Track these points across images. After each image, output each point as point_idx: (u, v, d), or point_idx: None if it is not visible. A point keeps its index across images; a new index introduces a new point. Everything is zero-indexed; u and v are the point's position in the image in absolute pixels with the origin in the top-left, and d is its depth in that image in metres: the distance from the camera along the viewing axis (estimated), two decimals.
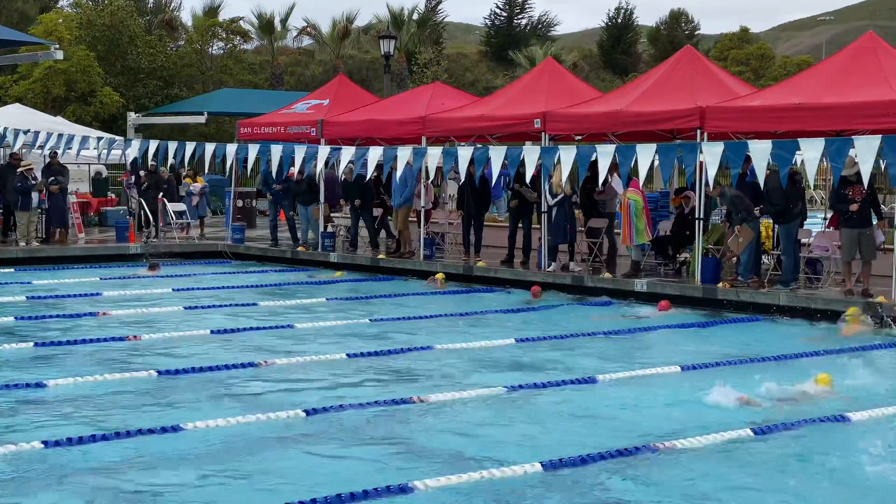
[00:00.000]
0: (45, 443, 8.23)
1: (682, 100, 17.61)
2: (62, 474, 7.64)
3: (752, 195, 16.69)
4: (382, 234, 23.20)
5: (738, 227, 16.37)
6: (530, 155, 18.22)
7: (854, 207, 15.39)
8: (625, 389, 10.84)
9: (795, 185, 16.68)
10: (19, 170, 22.33)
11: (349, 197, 22.44)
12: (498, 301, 17.68)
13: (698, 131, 17.01)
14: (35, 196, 22.41)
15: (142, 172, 24.92)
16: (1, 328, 13.90)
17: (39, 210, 23.09)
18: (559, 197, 18.49)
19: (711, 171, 16.38)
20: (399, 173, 20.69)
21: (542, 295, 17.78)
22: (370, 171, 20.99)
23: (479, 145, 20.11)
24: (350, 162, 21.38)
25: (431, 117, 21.03)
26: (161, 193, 24.87)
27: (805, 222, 17.80)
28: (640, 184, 18.74)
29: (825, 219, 22.83)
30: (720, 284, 16.67)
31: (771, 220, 17.72)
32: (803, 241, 17.33)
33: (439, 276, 19.43)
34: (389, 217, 22.69)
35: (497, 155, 18.49)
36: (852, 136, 14.76)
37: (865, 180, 14.83)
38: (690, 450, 8.44)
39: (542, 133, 19.02)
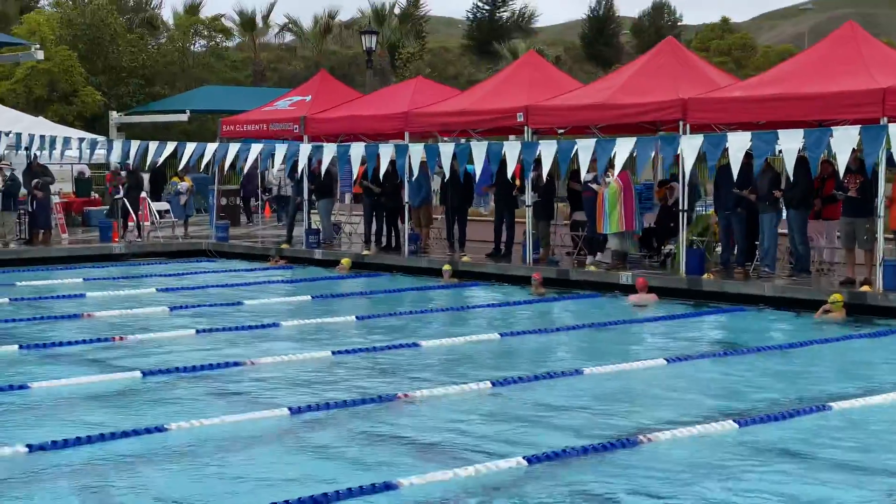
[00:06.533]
0: (29, 446, 8.20)
1: (664, 92, 17.63)
2: (47, 477, 7.61)
3: (738, 181, 16.70)
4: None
5: None
6: (511, 150, 18.20)
7: (852, 194, 15.38)
8: (609, 382, 10.87)
9: (807, 173, 16.54)
10: None
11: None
12: (484, 296, 17.69)
13: (680, 123, 17.04)
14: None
15: (122, 172, 24.80)
16: None
17: (21, 211, 23.01)
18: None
19: (689, 163, 16.41)
20: (415, 174, 20.60)
21: (542, 286, 17.55)
22: (355, 168, 20.92)
23: (461, 140, 20.13)
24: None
25: (414, 112, 21.01)
26: (142, 193, 24.83)
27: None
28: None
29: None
30: (705, 276, 16.71)
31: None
32: (784, 230, 17.36)
33: (447, 268, 19.29)
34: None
35: (478, 150, 18.49)
36: (831, 127, 14.77)
37: (841, 168, 14.78)
38: (674, 442, 8.47)
39: (525, 127, 19.01)
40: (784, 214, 17.03)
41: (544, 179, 19.00)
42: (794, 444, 8.50)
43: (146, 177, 29.62)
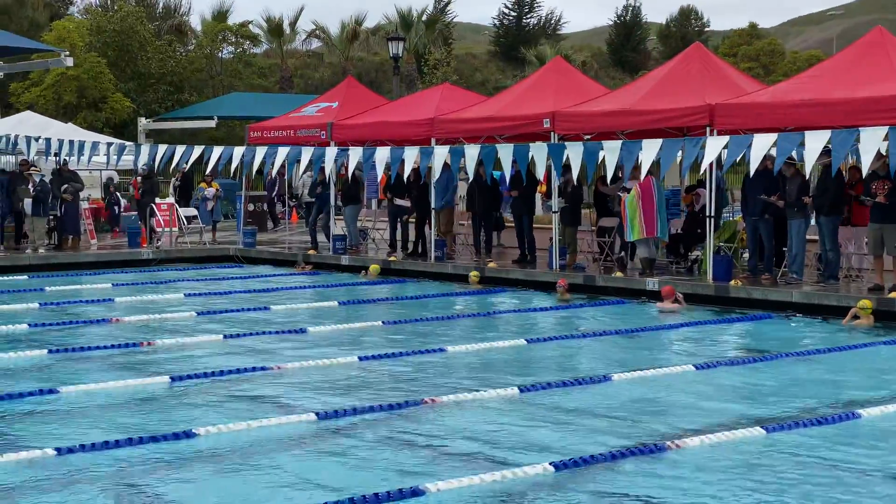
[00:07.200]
0: (58, 450, 8.26)
1: (691, 97, 17.59)
2: (75, 481, 7.66)
3: (765, 187, 16.64)
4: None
5: None
6: (538, 153, 18.18)
7: (880, 200, 15.30)
8: (637, 389, 10.83)
9: (839, 180, 16.46)
10: (26, 172, 22.53)
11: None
12: (510, 302, 17.69)
13: (707, 129, 16.99)
14: (27, 201, 22.57)
15: (138, 178, 24.95)
16: (14, 335, 13.95)
17: (51, 216, 23.22)
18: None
19: (707, 160, 16.26)
20: (438, 176, 20.63)
21: (568, 292, 17.51)
22: (379, 171, 20.96)
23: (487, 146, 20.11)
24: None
25: (440, 119, 21.04)
26: (165, 199, 24.98)
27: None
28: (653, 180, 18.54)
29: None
30: (732, 282, 16.64)
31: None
32: (812, 237, 17.27)
33: (474, 274, 19.30)
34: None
35: (505, 153, 18.49)
36: (858, 128, 14.68)
37: (865, 170, 14.66)
38: (701, 448, 8.44)
39: (552, 133, 19.00)
40: (812, 221, 16.95)
41: (574, 183, 19.03)
42: (822, 450, 8.45)
43: (170, 182, 29.88)
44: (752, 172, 15.65)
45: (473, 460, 8.21)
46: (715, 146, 16.01)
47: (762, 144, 15.46)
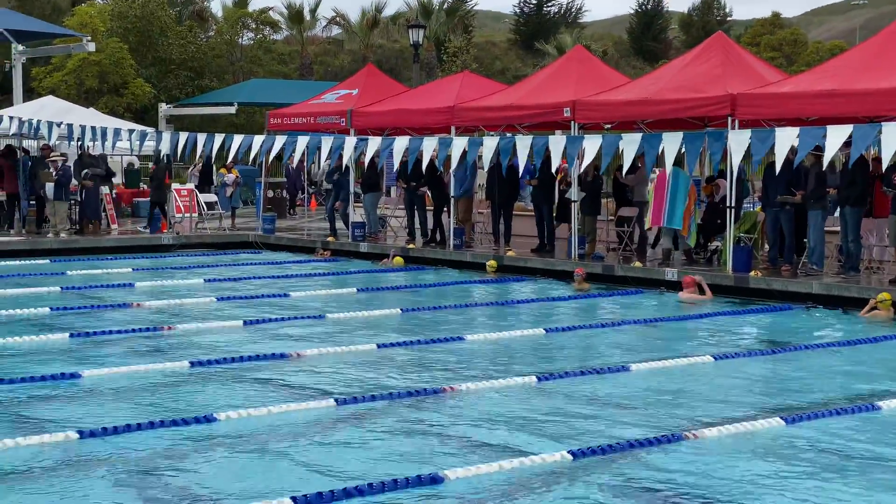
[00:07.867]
0: (80, 433, 8.33)
1: (713, 87, 17.52)
2: (97, 464, 7.72)
3: (786, 179, 16.59)
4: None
5: None
6: (555, 144, 18.15)
7: None
8: (656, 379, 10.84)
9: (866, 171, 16.46)
10: (48, 159, 22.63)
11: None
12: (528, 290, 17.69)
13: (729, 119, 16.93)
14: (49, 186, 22.69)
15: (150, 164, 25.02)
16: (36, 319, 14.05)
17: (72, 201, 23.34)
18: None
19: (737, 159, 16.28)
20: (455, 165, 20.66)
21: (585, 282, 17.46)
22: (396, 161, 20.93)
23: (507, 135, 20.10)
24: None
25: (460, 107, 21.03)
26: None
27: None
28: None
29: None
30: (752, 273, 16.60)
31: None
32: (832, 228, 17.20)
33: (491, 263, 19.34)
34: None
35: (522, 144, 18.46)
36: (881, 123, 14.60)
37: (885, 164, 14.61)
38: (720, 439, 8.45)
39: (572, 122, 18.97)
40: (832, 212, 16.90)
41: (591, 174, 19.03)
42: (841, 442, 8.44)
43: (190, 168, 29.96)
44: (777, 167, 15.59)
45: (492, 448, 8.23)
46: (739, 141, 15.95)
47: (785, 140, 15.40)
